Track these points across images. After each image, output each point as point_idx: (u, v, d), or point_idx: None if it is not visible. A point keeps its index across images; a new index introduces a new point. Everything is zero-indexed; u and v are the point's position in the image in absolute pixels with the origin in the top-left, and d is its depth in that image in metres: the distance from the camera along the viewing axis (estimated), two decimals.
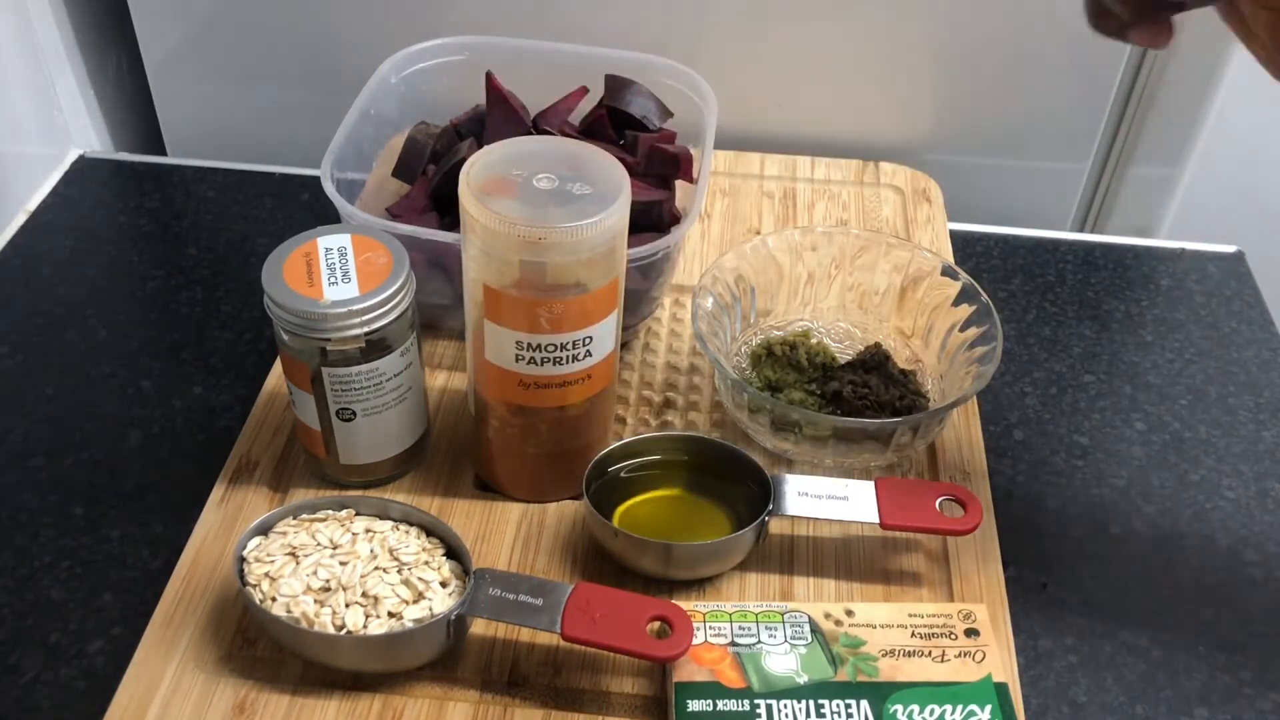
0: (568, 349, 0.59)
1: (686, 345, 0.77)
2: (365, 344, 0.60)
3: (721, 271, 0.74)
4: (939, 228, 0.88)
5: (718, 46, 0.92)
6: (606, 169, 0.58)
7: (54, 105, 0.94)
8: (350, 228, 0.63)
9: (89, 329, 0.80)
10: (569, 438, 0.65)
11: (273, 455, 0.69)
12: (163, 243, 0.88)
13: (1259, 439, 0.76)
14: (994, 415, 0.76)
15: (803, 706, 0.55)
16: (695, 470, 0.66)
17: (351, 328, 0.59)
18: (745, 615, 0.59)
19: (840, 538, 0.66)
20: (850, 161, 0.94)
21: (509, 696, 0.58)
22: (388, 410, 0.64)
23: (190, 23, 0.94)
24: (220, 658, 0.59)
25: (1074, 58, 0.90)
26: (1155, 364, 0.81)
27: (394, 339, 0.62)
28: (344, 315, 0.59)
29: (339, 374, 0.61)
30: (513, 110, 0.77)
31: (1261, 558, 0.69)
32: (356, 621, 0.56)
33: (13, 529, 0.67)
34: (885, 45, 0.91)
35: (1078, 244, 0.92)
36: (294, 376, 0.63)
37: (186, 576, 0.62)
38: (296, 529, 0.60)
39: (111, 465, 0.71)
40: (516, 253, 0.56)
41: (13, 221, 0.89)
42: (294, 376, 0.63)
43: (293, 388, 0.63)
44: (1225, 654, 0.64)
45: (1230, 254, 0.91)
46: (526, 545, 0.65)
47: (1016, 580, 0.66)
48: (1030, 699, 0.61)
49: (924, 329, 0.75)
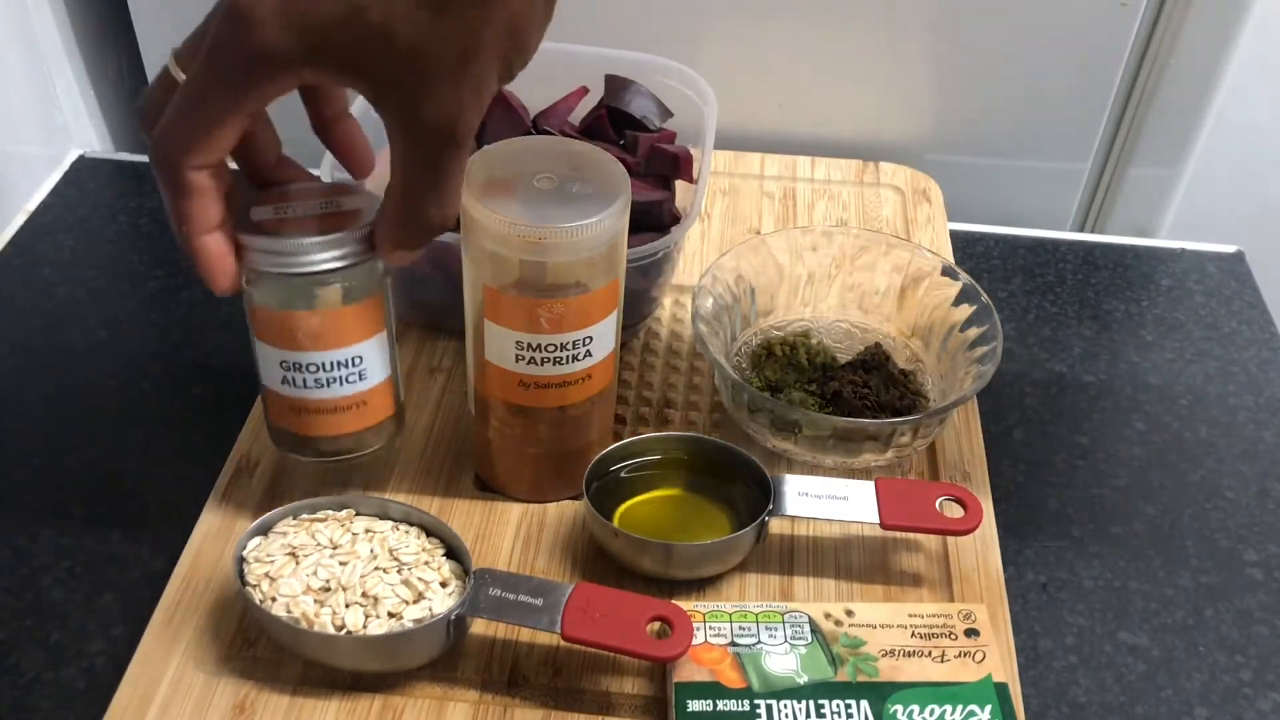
0: (568, 349, 0.59)
1: (686, 345, 0.77)
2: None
3: (721, 271, 0.74)
4: (939, 228, 0.88)
5: (718, 46, 0.92)
6: (606, 169, 0.58)
7: (54, 105, 0.94)
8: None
9: (89, 329, 0.80)
10: (569, 438, 0.65)
11: (273, 455, 0.69)
12: (163, 243, 0.88)
13: (1259, 439, 0.76)
14: (994, 415, 0.76)
15: (803, 706, 0.55)
16: (695, 470, 0.66)
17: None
18: (745, 615, 0.59)
19: (840, 538, 0.66)
20: (850, 161, 0.94)
21: (509, 696, 0.58)
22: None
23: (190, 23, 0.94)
24: (220, 658, 0.59)
25: (1074, 58, 0.90)
26: (1155, 364, 0.81)
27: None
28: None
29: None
30: (513, 110, 0.77)
31: (1261, 558, 0.69)
32: (356, 621, 0.56)
33: (13, 529, 0.67)
34: (885, 45, 0.91)
35: (1078, 244, 0.92)
36: (261, 330, 0.60)
37: (186, 576, 0.62)
38: (296, 529, 0.60)
39: (111, 465, 0.71)
40: (516, 253, 0.56)
41: (13, 221, 0.89)
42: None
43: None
44: (1225, 654, 0.64)
45: (1230, 254, 0.91)
46: (526, 545, 0.65)
47: (1016, 580, 0.67)
48: (1030, 699, 0.61)
49: (924, 329, 0.75)
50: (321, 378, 0.60)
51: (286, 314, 0.59)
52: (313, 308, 0.58)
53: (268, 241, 0.56)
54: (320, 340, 0.59)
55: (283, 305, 0.58)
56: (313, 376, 0.60)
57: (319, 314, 0.59)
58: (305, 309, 0.58)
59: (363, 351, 0.60)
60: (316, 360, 0.60)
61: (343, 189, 0.60)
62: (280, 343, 0.59)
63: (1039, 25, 0.89)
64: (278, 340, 0.59)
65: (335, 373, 0.60)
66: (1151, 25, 0.90)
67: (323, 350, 0.59)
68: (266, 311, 0.59)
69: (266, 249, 0.56)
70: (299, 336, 0.59)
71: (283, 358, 0.60)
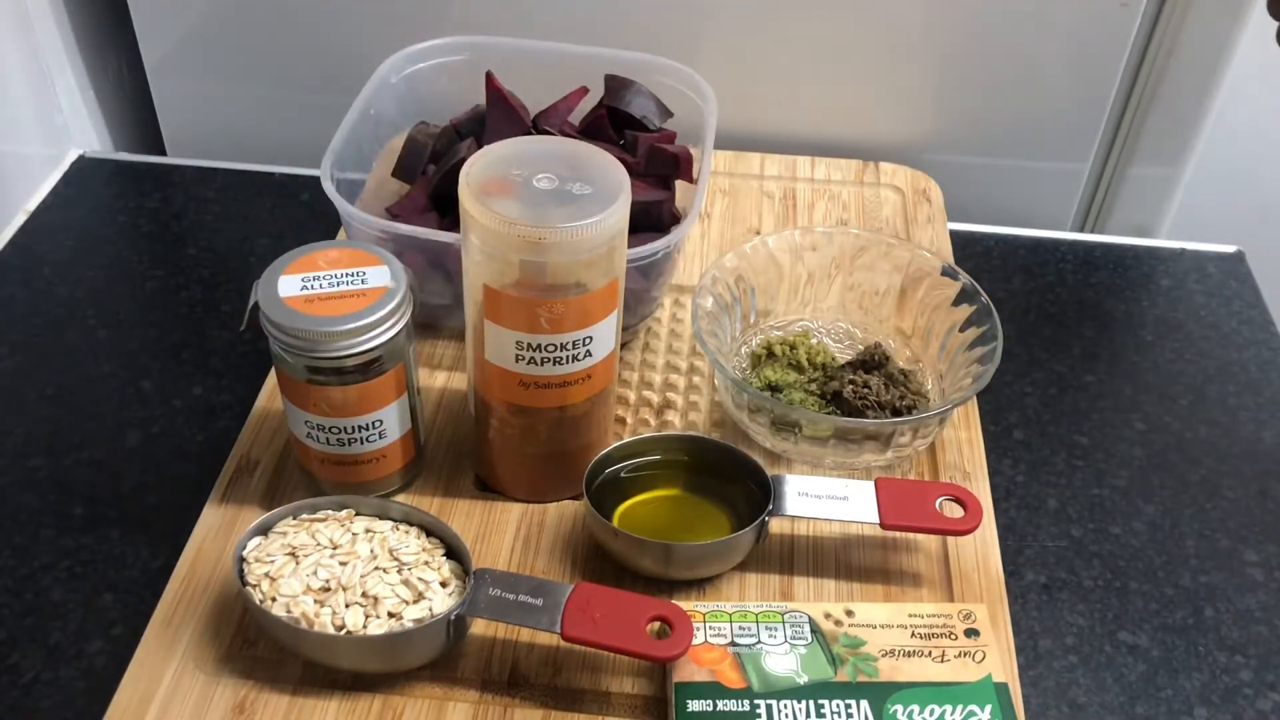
0: (568, 349, 0.59)
1: (686, 345, 0.77)
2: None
3: (721, 271, 0.74)
4: (939, 228, 0.88)
5: (718, 46, 0.92)
6: (606, 169, 0.58)
7: (54, 105, 0.94)
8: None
9: (89, 329, 0.80)
10: (569, 438, 0.65)
11: (273, 455, 0.69)
12: (163, 243, 0.88)
13: (1259, 439, 0.76)
14: (994, 415, 0.76)
15: (803, 706, 0.55)
16: (695, 470, 0.66)
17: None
18: (745, 615, 0.59)
19: (840, 538, 0.66)
20: (850, 161, 0.94)
21: (509, 696, 0.58)
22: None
23: (190, 23, 0.94)
24: (220, 658, 0.59)
25: (1074, 58, 0.90)
26: (1155, 364, 0.81)
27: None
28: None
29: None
30: (513, 110, 0.77)
31: (1261, 558, 0.69)
32: (356, 621, 0.56)
33: (13, 529, 0.67)
34: (885, 45, 0.91)
35: (1078, 244, 0.92)
36: (286, 390, 0.62)
37: (186, 576, 0.62)
38: (296, 529, 0.60)
39: (111, 465, 0.71)
40: (516, 253, 0.56)
41: (13, 221, 0.89)
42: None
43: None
44: (1225, 654, 0.64)
45: (1230, 254, 0.91)
46: (526, 545, 0.65)
47: (1016, 580, 0.67)
48: (1030, 699, 0.61)
49: (924, 329, 0.75)
50: (344, 438, 0.62)
51: (308, 386, 0.60)
52: (335, 384, 0.60)
53: (292, 324, 0.58)
54: (343, 410, 0.61)
55: (306, 378, 0.60)
56: (335, 437, 0.62)
57: (341, 390, 0.60)
58: (327, 384, 0.60)
59: (383, 415, 0.62)
60: (340, 424, 0.61)
61: (368, 258, 0.61)
62: (304, 407, 0.61)
63: (1039, 25, 0.89)
64: (302, 404, 0.61)
65: (356, 434, 0.62)
66: (1151, 25, 0.90)
67: (345, 418, 0.61)
68: (290, 379, 0.61)
69: (292, 332, 0.58)
70: (322, 405, 0.61)
71: (306, 418, 0.62)
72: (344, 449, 0.63)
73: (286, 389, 0.62)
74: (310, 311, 0.58)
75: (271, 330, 0.59)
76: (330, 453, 0.63)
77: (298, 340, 0.58)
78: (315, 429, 0.62)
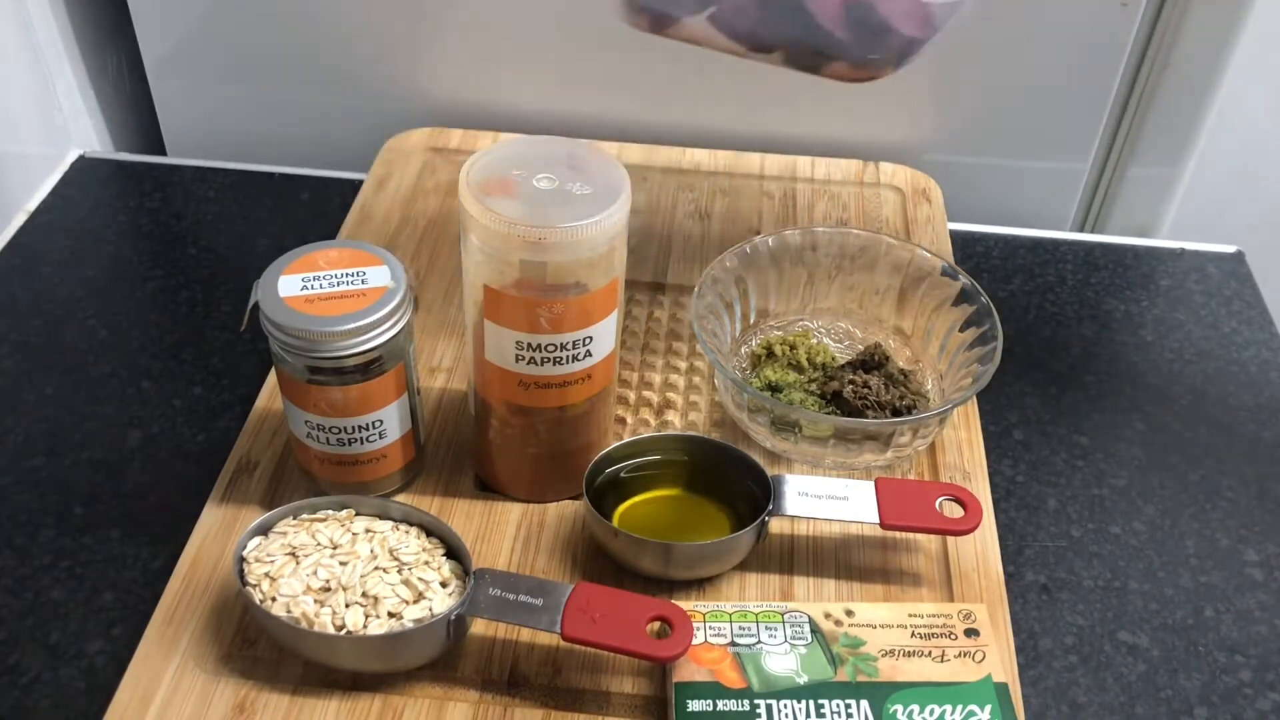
0: (568, 349, 0.59)
1: (686, 345, 0.77)
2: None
3: (721, 271, 0.74)
4: (939, 228, 0.88)
5: None
6: (606, 169, 0.58)
7: (54, 105, 0.94)
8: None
9: (89, 329, 0.80)
10: (569, 438, 0.65)
11: (273, 455, 0.69)
12: (163, 243, 0.88)
13: (1259, 439, 0.76)
14: (994, 415, 0.76)
15: (803, 706, 0.55)
16: (695, 470, 0.66)
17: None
18: (745, 615, 0.59)
19: (840, 538, 0.66)
20: (850, 161, 0.94)
21: (509, 696, 0.58)
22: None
23: (190, 23, 0.94)
24: (220, 658, 0.59)
25: (1074, 58, 0.90)
26: (1155, 364, 0.81)
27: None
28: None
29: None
30: None
31: (1261, 558, 0.69)
32: (356, 621, 0.56)
33: (13, 529, 0.67)
34: None
35: (1078, 244, 0.92)
36: (286, 390, 0.62)
37: (186, 576, 0.62)
38: (296, 529, 0.60)
39: (111, 465, 0.71)
40: (516, 253, 0.56)
41: (13, 221, 0.89)
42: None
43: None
44: (1225, 654, 0.64)
45: (1230, 254, 0.91)
46: (526, 545, 0.65)
47: (1016, 580, 0.67)
48: (1030, 699, 0.61)
49: (924, 329, 0.75)
50: (344, 438, 0.62)
51: (308, 386, 0.60)
52: (335, 384, 0.60)
53: (292, 324, 0.58)
54: (343, 410, 0.61)
55: (306, 378, 0.60)
56: (335, 437, 0.62)
57: (341, 390, 0.60)
58: (327, 384, 0.60)
59: (383, 415, 0.62)
60: (340, 424, 0.61)
61: (368, 258, 0.61)
62: (304, 406, 0.61)
63: (1039, 25, 0.89)
64: (303, 404, 0.61)
65: (356, 434, 0.62)
66: (1151, 25, 0.90)
67: (345, 418, 0.61)
68: (290, 379, 0.61)
69: (292, 332, 0.58)
70: (322, 405, 0.61)
71: (306, 418, 0.62)
72: (344, 449, 0.63)
73: (286, 389, 0.62)
74: (310, 311, 0.58)
75: (271, 330, 0.59)
76: (330, 453, 0.63)
77: (298, 340, 0.58)
78: (315, 429, 0.62)
